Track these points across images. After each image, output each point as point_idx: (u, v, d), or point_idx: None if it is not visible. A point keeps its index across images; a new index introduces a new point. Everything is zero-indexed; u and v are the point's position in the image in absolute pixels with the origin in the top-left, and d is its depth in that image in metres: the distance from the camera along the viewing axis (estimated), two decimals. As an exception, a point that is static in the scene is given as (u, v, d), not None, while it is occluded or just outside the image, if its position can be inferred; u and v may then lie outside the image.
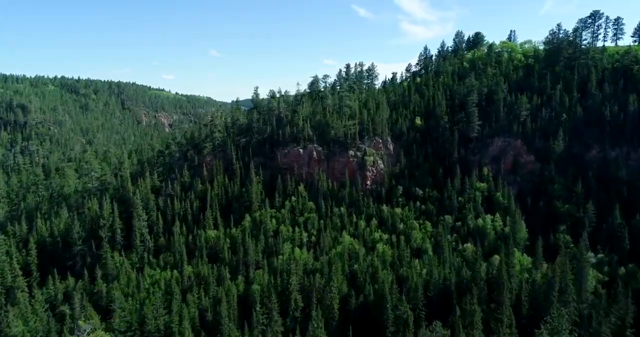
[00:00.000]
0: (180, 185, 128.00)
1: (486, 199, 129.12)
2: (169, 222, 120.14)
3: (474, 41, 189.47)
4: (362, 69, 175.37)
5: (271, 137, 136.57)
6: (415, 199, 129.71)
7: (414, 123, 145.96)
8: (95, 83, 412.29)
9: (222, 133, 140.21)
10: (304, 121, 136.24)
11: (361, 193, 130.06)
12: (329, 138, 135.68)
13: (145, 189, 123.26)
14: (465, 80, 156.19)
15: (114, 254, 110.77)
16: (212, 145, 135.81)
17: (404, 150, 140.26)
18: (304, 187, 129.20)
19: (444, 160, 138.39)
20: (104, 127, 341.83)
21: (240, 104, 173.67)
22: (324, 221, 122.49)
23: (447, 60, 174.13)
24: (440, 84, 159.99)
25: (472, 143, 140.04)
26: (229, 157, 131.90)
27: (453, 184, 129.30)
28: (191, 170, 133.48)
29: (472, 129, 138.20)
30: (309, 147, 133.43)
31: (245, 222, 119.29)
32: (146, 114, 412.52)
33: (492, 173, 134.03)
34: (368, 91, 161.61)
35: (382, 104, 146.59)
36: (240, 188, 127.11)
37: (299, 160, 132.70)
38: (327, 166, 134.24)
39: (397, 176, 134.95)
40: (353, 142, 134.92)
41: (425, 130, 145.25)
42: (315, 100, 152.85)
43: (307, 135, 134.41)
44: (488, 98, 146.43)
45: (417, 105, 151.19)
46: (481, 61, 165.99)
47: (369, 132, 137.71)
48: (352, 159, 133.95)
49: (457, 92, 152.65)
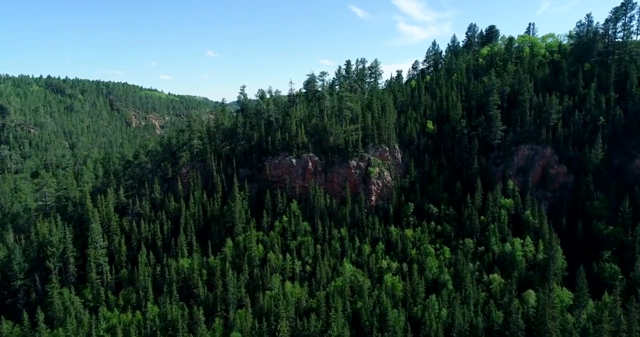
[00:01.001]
0: (150, 202, 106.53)
1: (512, 218, 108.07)
2: (134, 249, 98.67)
3: (488, 36, 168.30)
4: (364, 66, 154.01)
5: (259, 144, 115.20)
6: (429, 219, 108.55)
7: (426, 128, 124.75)
8: (83, 83, 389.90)
9: (202, 140, 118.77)
10: (298, 126, 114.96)
11: (365, 211, 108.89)
12: (326, 146, 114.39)
13: (106, 209, 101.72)
14: (483, 78, 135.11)
15: (63, 290, 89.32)
16: (189, 154, 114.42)
17: (415, 159, 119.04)
18: (297, 204, 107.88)
19: (462, 172, 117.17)
20: (89, 130, 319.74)
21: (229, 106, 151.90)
22: (320, 245, 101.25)
23: (459, 57, 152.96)
24: (454, 82, 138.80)
25: (494, 152, 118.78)
26: (209, 168, 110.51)
27: (473, 200, 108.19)
28: (164, 184, 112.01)
29: (494, 135, 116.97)
30: (304, 156, 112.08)
31: (226, 249, 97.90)
32: (136, 115, 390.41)
33: (517, 187, 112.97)
34: (371, 91, 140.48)
35: (388, 105, 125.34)
36: (222, 206, 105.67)
37: (291, 173, 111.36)
38: (325, 179, 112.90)
39: (407, 191, 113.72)
40: (355, 150, 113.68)
41: (438, 136, 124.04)
42: (312, 102, 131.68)
43: (301, 143, 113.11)
44: (511, 99, 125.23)
45: (428, 107, 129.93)
46: (498, 57, 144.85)
47: (373, 139, 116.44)
48: (354, 171, 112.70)
49: (474, 92, 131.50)
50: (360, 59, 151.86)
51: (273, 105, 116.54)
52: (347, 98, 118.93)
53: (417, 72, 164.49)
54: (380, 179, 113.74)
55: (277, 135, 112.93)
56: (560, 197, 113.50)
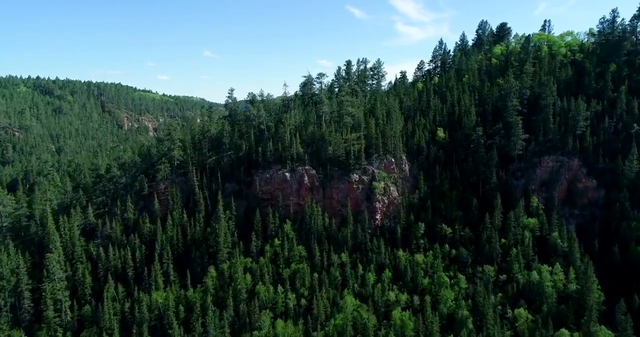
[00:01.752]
0: (122, 223, 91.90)
1: (537, 240, 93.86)
2: (100, 280, 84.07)
3: (498, 34, 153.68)
4: (366, 67, 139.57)
5: (248, 155, 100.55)
6: (442, 241, 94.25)
7: (436, 136, 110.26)
8: (73, 84, 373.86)
9: (186, 150, 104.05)
10: (292, 135, 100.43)
11: (369, 232, 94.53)
12: (325, 157, 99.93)
13: (70, 232, 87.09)
14: (497, 80, 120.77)
15: (12, 333, 74.81)
16: (169, 166, 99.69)
17: (424, 172, 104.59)
18: (291, 225, 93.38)
19: (477, 187, 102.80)
20: (78, 133, 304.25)
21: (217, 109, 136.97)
22: (318, 274, 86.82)
23: (469, 56, 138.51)
24: (466, 85, 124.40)
25: (514, 163, 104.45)
26: (191, 183, 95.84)
27: (492, 219, 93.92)
28: (140, 201, 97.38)
29: (514, 144, 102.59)
30: (299, 169, 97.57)
31: (207, 280, 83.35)
32: (128, 117, 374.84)
33: (542, 203, 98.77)
34: (375, 94, 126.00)
35: (393, 111, 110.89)
36: (204, 228, 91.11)
37: (284, 188, 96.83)
38: (323, 195, 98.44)
39: (417, 208, 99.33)
40: (357, 162, 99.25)
41: (450, 145, 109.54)
42: (308, 106, 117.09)
43: (295, 154, 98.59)
44: (531, 103, 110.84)
45: (438, 112, 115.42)
46: (513, 57, 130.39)
47: (377, 149, 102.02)
48: (357, 186, 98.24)
49: (488, 95, 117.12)
50: (361, 59, 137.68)
51: (264, 111, 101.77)
52: (347, 103, 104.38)
53: (423, 73, 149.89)
54: (386, 195, 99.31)
55: (269, 145, 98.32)
56: (590, 215, 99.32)
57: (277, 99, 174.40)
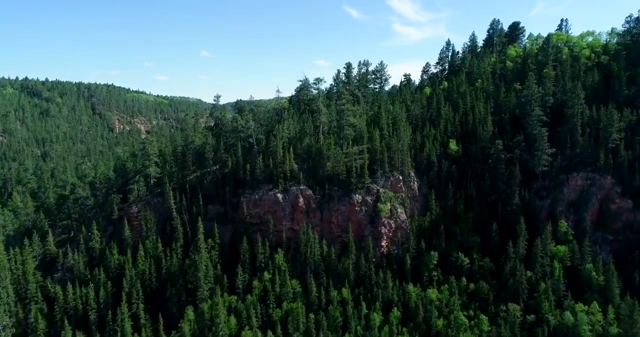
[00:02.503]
0: (87, 254, 78.23)
1: (567, 271, 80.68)
2: (57, 324, 70.39)
3: (510, 34, 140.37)
4: (368, 70, 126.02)
5: (235, 173, 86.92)
6: (458, 273, 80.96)
7: (448, 149, 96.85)
8: (63, 85, 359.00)
9: (163, 165, 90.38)
10: (286, 149, 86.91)
11: (374, 261, 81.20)
12: (323, 175, 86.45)
13: (22, 266, 73.33)
14: (514, 85, 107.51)
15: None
16: (145, 185, 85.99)
17: (435, 190, 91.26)
18: (284, 254, 79.90)
19: (497, 208, 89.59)
20: (65, 136, 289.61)
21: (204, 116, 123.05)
22: (315, 314, 73.38)
23: (481, 59, 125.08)
24: (479, 90, 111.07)
25: (538, 181, 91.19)
26: (169, 205, 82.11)
27: (516, 247, 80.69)
28: (109, 226, 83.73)
29: (538, 159, 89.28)
30: (293, 190, 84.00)
31: (184, 323, 69.71)
32: (120, 119, 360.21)
33: (570, 227, 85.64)
34: (378, 101, 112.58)
35: (400, 120, 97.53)
36: (182, 260, 77.52)
37: (276, 211, 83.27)
38: (321, 219, 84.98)
39: (428, 233, 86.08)
40: (360, 180, 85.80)
41: (464, 159, 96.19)
42: (304, 114, 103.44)
43: (289, 171, 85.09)
44: (554, 112, 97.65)
45: (450, 121, 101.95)
46: (530, 60, 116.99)
47: (383, 165, 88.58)
48: (359, 208, 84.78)
49: (505, 102, 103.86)
50: (363, 61, 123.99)
51: (253, 121, 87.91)
52: (348, 112, 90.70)
53: (429, 76, 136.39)
54: (393, 218, 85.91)
55: (259, 161, 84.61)
56: (626, 241, 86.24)
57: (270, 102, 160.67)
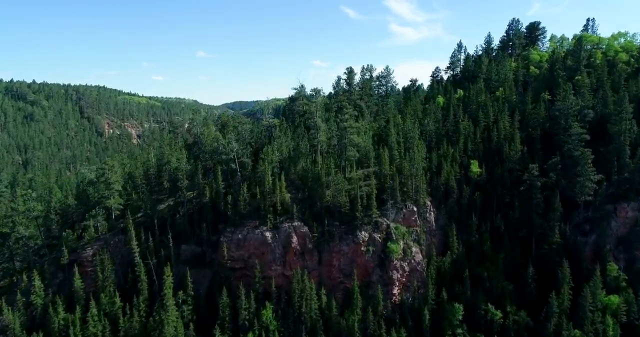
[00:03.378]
0: (25, 312, 61.84)
1: (623, 328, 65.01)
2: None
3: (529, 36, 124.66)
4: (372, 75, 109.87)
5: (214, 205, 70.67)
6: (488, 329, 65.17)
7: (469, 171, 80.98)
8: (50, 87, 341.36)
9: (128, 193, 74.08)
10: (276, 175, 70.81)
11: (384, 315, 65.30)
12: (321, 206, 70.29)
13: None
14: (543, 95, 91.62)
15: None
16: (105, 218, 69.68)
17: (456, 222, 75.48)
18: (273, 309, 63.75)
19: (530, 244, 73.82)
20: (50, 142, 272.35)
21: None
22: (312, 390, 57.45)
23: (499, 63, 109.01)
24: (501, 100, 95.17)
25: (580, 212, 75.34)
26: (130, 247, 65.67)
27: (559, 298, 64.91)
28: (58, 273, 67.33)
29: (580, 187, 73.40)
30: (284, 226, 67.78)
31: None
32: (110, 123, 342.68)
33: (621, 269, 69.97)
34: (384, 112, 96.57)
35: (413, 137, 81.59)
36: (145, 319, 61.24)
37: (264, 254, 67.10)
38: (319, 262, 68.88)
39: (449, 278, 70.17)
40: (366, 213, 69.77)
41: (489, 184, 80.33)
42: (299, 129, 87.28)
43: (280, 204, 68.92)
44: (594, 128, 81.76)
45: (470, 138, 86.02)
46: (557, 65, 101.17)
47: (393, 193, 72.42)
48: (366, 248, 68.74)
49: (533, 116, 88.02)
50: (366, 65, 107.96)
51: (237, 143, 71.34)
52: (351, 129, 74.41)
53: (440, 82, 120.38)
54: (406, 259, 69.90)
55: (243, 191, 68.31)
56: (689, 287, 70.66)
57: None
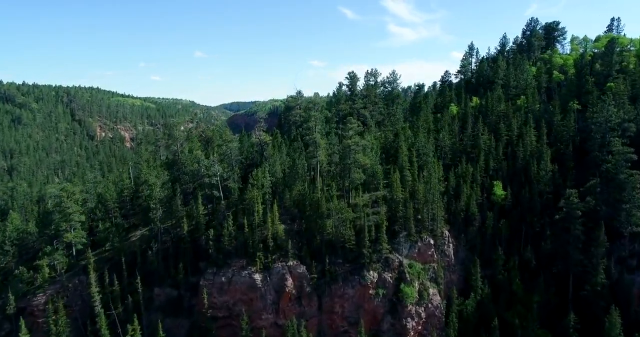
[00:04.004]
0: (-42, 377, 50.09)
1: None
2: None
3: (547, 37, 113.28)
4: (377, 81, 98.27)
5: (193, 239, 58.95)
6: (523, 393, 53.76)
7: (492, 194, 69.54)
8: (40, 89, 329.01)
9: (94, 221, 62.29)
10: (268, 203, 59.19)
11: (396, 373, 53.75)
12: (322, 240, 58.65)
13: None
14: (572, 104, 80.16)
15: None
16: (66, 254, 57.90)
17: (478, 255, 64.06)
18: (264, 369, 52.18)
19: (567, 282, 62.33)
20: (38, 147, 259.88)
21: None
22: None
23: (518, 67, 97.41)
24: (523, 110, 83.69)
25: (625, 245, 63.75)
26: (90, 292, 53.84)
27: (607, 354, 53.51)
28: (4, 324, 55.50)
29: (626, 216, 61.96)
30: (277, 266, 56.07)
31: None
32: (102, 126, 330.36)
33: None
34: (392, 123, 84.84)
35: (426, 154, 70.11)
36: (105, 386, 49.47)
37: (253, 300, 55.39)
38: (319, 308, 57.21)
39: (474, 325, 58.65)
40: (375, 248, 58.17)
41: (516, 210, 68.84)
42: (295, 143, 75.75)
43: (272, 238, 57.23)
44: (635, 142, 70.38)
45: (492, 155, 74.47)
46: (584, 69, 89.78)
47: (407, 223, 60.91)
48: (374, 291, 57.10)
49: (563, 129, 76.60)
50: (370, 70, 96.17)
51: (219, 166, 59.45)
52: (357, 147, 62.68)
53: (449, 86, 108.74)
54: (423, 303, 58.31)
55: (227, 223, 56.61)
56: None
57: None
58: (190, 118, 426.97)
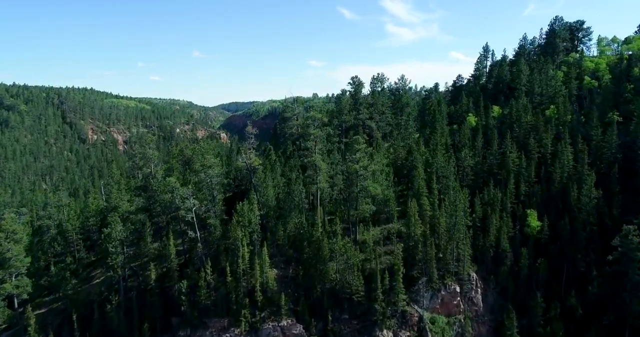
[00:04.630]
0: None
1: None
2: None
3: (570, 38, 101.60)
4: (384, 87, 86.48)
5: (163, 291, 47.19)
6: None
7: (526, 226, 57.89)
8: (30, 91, 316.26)
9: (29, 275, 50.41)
10: (255, 243, 47.46)
11: None
12: (323, 291, 46.92)
13: None
14: (611, 115, 68.59)
15: None
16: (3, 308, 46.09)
17: (511, 301, 52.51)
18: None
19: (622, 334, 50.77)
20: (25, 151, 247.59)
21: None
22: None
23: (541, 72, 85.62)
24: (554, 122, 71.96)
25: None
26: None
27: None
28: None
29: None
30: (267, 327, 44.31)
31: None
32: (94, 129, 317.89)
33: None
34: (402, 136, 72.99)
35: (446, 176, 58.35)
36: None
37: (237, 370, 43.74)
38: (320, 378, 45.54)
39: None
40: (388, 299, 46.51)
41: (555, 246, 57.27)
42: (290, 161, 64.04)
43: (260, 288, 45.48)
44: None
45: (522, 177, 62.73)
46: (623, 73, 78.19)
47: (427, 266, 49.23)
48: (389, 355, 45.50)
49: (603, 145, 65.00)
50: (377, 75, 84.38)
51: (197, 199, 47.45)
52: (364, 172, 50.77)
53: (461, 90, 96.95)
54: (448, 368, 46.74)
55: (204, 271, 44.77)
56: None
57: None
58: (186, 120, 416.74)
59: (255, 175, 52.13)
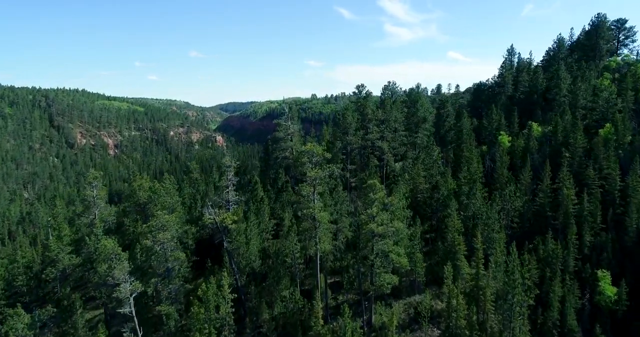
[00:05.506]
0: None
1: None
2: None
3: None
4: (396, 99, 70.90)
5: None
6: None
7: (598, 295, 42.71)
8: (15, 93, 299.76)
9: None
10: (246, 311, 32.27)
11: None
12: None
13: None
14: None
15: None
16: None
17: None
18: None
19: None
20: (7, 158, 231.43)
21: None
22: None
23: (583, 79, 70.32)
24: (612, 145, 56.69)
25: None
26: None
27: None
28: None
29: None
30: None
31: None
32: (83, 132, 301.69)
33: None
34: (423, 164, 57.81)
35: (490, 225, 42.92)
36: None
37: None
38: None
39: None
40: None
41: (638, 321, 42.24)
42: (281, 196, 48.73)
43: None
44: None
45: (587, 222, 47.52)
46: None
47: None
48: None
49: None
50: (389, 83, 68.97)
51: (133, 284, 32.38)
52: (384, 230, 35.49)
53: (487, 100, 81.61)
54: None
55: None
56: None
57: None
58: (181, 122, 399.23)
59: (228, 237, 36.58)
